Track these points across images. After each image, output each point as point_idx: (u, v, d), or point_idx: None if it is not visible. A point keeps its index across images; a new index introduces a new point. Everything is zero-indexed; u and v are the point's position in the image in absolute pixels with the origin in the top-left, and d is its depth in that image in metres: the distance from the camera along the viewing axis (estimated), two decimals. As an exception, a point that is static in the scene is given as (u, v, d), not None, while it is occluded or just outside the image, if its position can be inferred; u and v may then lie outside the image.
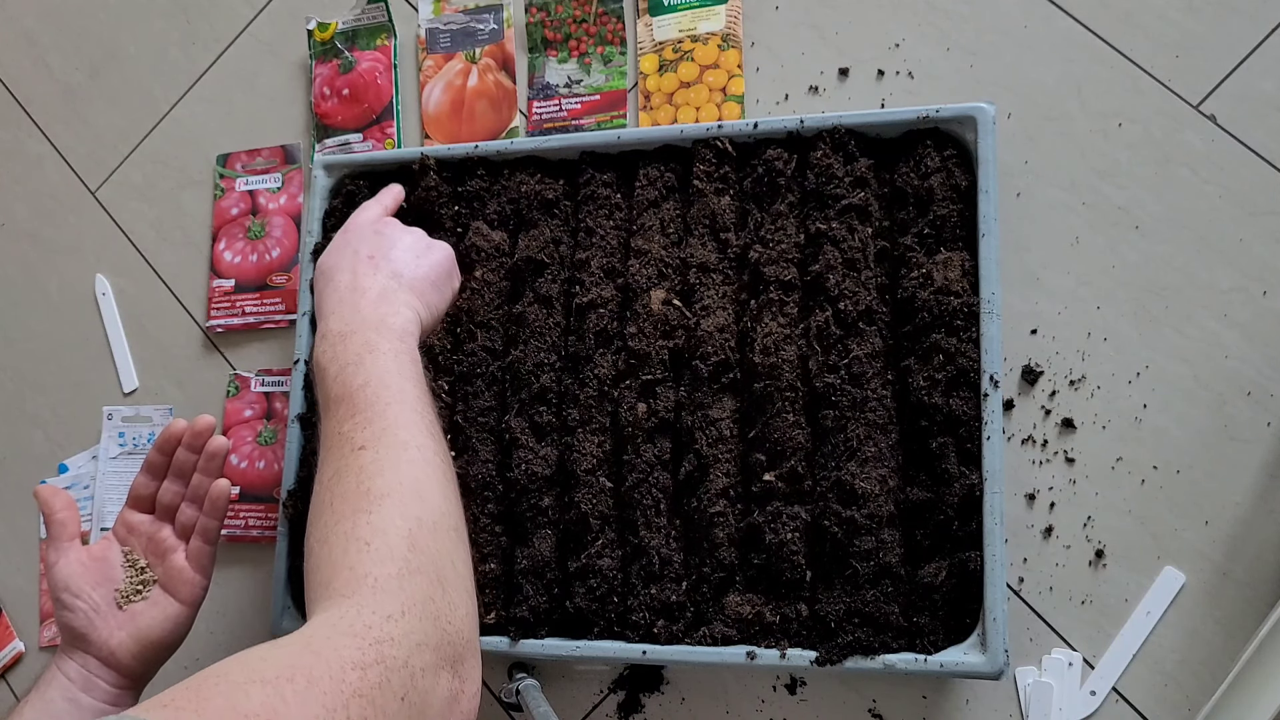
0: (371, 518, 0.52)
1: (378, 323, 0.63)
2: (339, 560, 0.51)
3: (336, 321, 0.64)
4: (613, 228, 0.79)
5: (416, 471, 0.55)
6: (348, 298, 0.65)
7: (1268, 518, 0.69)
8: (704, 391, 0.73)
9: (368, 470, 0.54)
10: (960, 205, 0.72)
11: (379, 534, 0.51)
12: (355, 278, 0.66)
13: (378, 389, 0.58)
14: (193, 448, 0.72)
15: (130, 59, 1.04)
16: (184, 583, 0.71)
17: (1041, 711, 0.70)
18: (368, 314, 0.63)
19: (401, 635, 0.47)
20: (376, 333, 0.62)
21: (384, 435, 0.56)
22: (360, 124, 0.93)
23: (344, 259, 0.68)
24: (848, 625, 0.67)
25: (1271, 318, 0.71)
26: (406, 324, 0.64)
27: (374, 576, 0.49)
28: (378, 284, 0.65)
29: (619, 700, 0.78)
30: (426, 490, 0.55)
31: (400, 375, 0.60)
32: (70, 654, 0.68)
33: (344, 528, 0.52)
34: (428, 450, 0.57)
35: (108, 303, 0.99)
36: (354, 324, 0.63)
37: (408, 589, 0.49)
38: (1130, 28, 0.77)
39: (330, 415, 0.59)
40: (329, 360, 0.62)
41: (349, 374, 0.60)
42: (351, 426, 0.57)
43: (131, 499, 0.73)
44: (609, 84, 0.88)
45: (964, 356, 0.69)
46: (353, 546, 0.51)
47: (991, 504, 0.66)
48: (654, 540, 0.72)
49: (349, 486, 0.54)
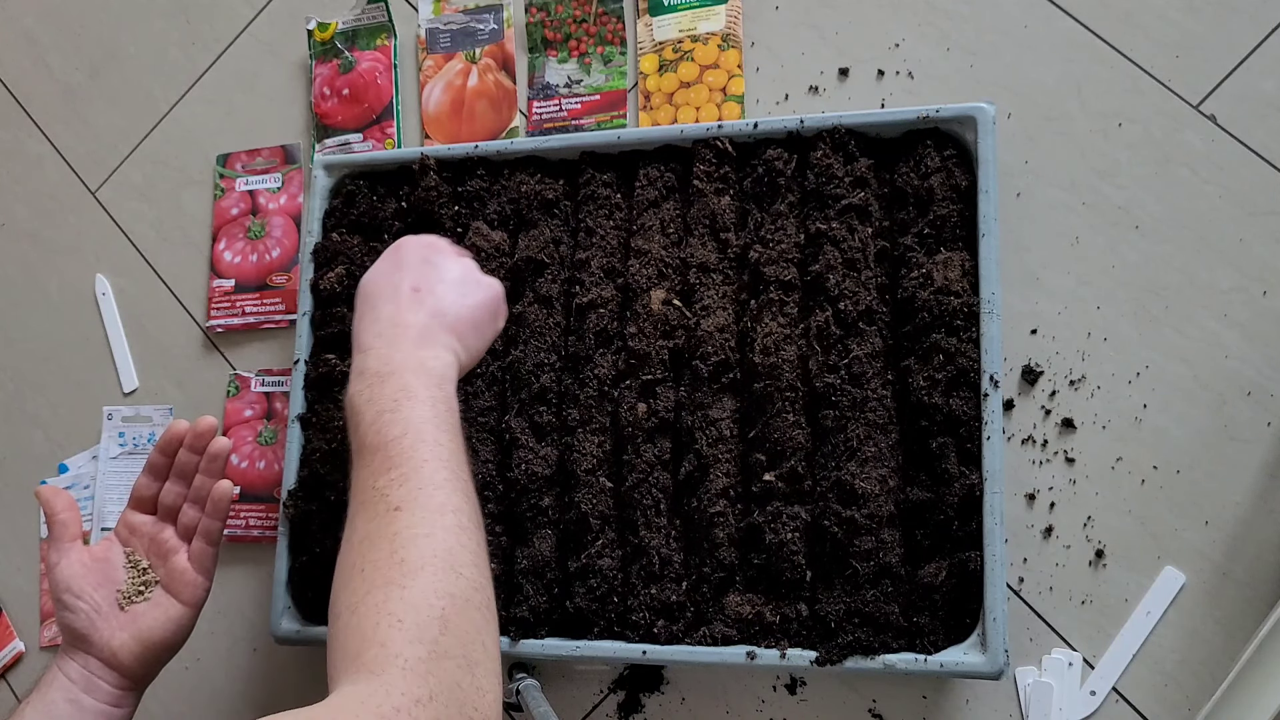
0: (405, 593, 0.51)
1: (417, 366, 0.61)
2: (369, 634, 0.50)
3: (375, 360, 0.62)
4: (613, 228, 0.79)
5: (452, 541, 0.54)
6: (387, 332, 0.63)
7: (1268, 518, 0.69)
8: (704, 391, 0.73)
9: (402, 537, 0.53)
10: (960, 205, 0.72)
11: (412, 611, 0.50)
12: (398, 311, 0.64)
13: (415, 442, 0.57)
14: (195, 449, 0.72)
15: (130, 59, 1.04)
16: (186, 584, 0.70)
17: (1041, 711, 0.70)
18: (408, 355, 0.62)
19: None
20: (415, 376, 0.60)
21: (420, 497, 0.55)
22: (360, 124, 0.93)
23: (388, 287, 0.66)
24: (848, 625, 0.67)
25: (1271, 318, 0.71)
26: (446, 368, 0.62)
27: (404, 658, 0.48)
28: (419, 321, 0.64)
29: (619, 700, 0.78)
30: (461, 563, 0.53)
31: (437, 427, 0.58)
32: (71, 655, 0.68)
33: (375, 599, 0.51)
34: (463, 515, 0.56)
35: (108, 303, 0.99)
36: (393, 364, 0.61)
37: (437, 673, 0.48)
38: (1130, 28, 0.77)
39: (364, 465, 0.58)
40: (365, 403, 0.60)
41: (385, 421, 0.58)
42: (386, 482, 0.56)
43: (133, 500, 0.73)
44: (609, 84, 0.88)
45: (964, 356, 0.69)
46: (384, 621, 0.50)
47: (991, 504, 0.66)
48: (654, 540, 0.72)
49: (382, 554, 0.53)
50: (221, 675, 0.87)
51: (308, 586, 0.79)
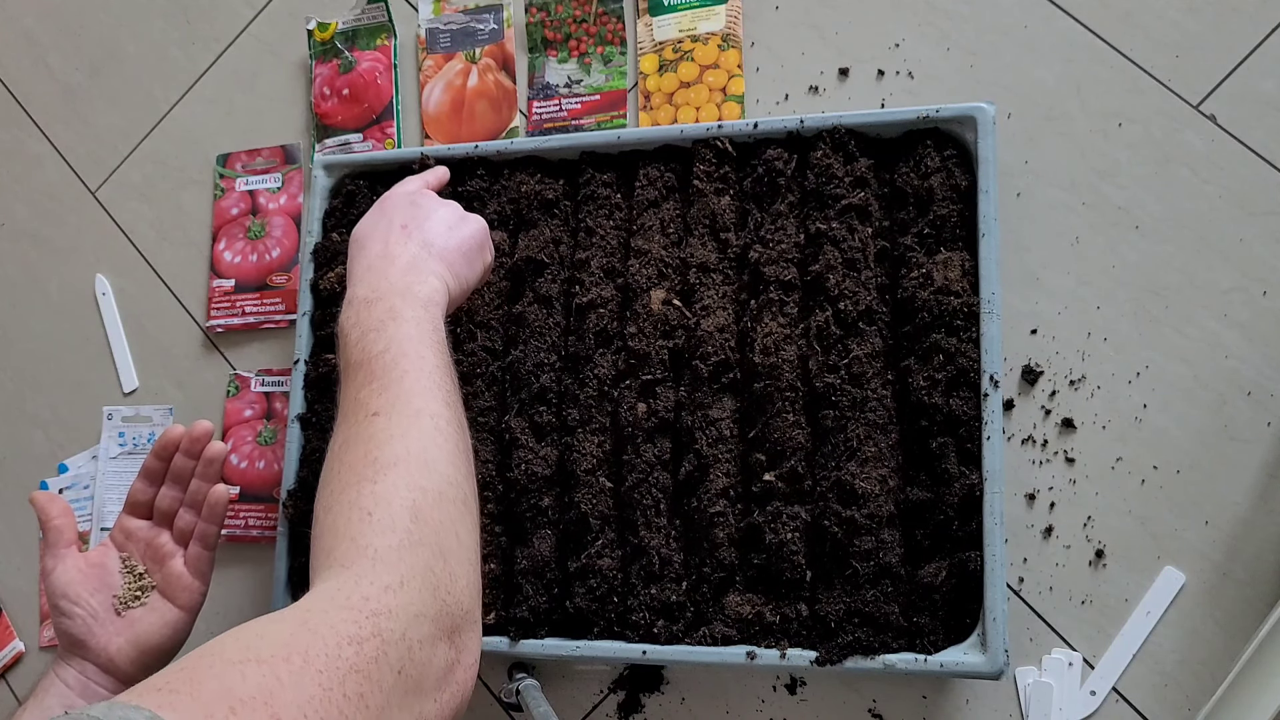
0: (376, 487, 0.52)
1: (404, 290, 0.62)
2: (341, 530, 0.50)
3: (363, 288, 0.63)
4: (613, 228, 0.79)
5: (426, 440, 0.55)
6: (377, 265, 0.65)
7: (1268, 518, 0.69)
8: (704, 391, 0.73)
9: (377, 438, 0.54)
10: (960, 205, 0.72)
11: (382, 504, 0.51)
12: (386, 246, 0.66)
13: (396, 356, 0.58)
14: (191, 453, 0.72)
15: (130, 59, 1.04)
16: (183, 588, 0.70)
17: (1041, 711, 0.70)
18: (395, 281, 0.63)
19: (399, 607, 0.47)
20: (401, 299, 0.62)
21: (398, 402, 0.56)
22: (360, 124, 0.93)
23: (378, 227, 0.68)
24: (848, 625, 0.67)
25: (1271, 318, 0.71)
26: (433, 293, 0.63)
27: (374, 548, 0.49)
28: (408, 252, 0.65)
29: (619, 700, 0.78)
30: (435, 459, 0.54)
31: (421, 342, 0.59)
32: (68, 660, 0.68)
33: (348, 496, 0.52)
34: (441, 419, 0.56)
35: (108, 303, 0.99)
36: (380, 290, 0.62)
37: (408, 560, 0.49)
38: (1130, 28, 0.77)
39: (348, 381, 0.59)
40: (351, 325, 0.61)
41: (370, 340, 0.59)
42: (368, 393, 0.57)
43: (129, 505, 0.73)
44: (609, 84, 0.88)
45: (964, 356, 0.69)
46: (355, 516, 0.50)
47: (991, 504, 0.66)
48: (654, 540, 0.72)
49: (357, 455, 0.54)
50: (221, 675, 0.87)
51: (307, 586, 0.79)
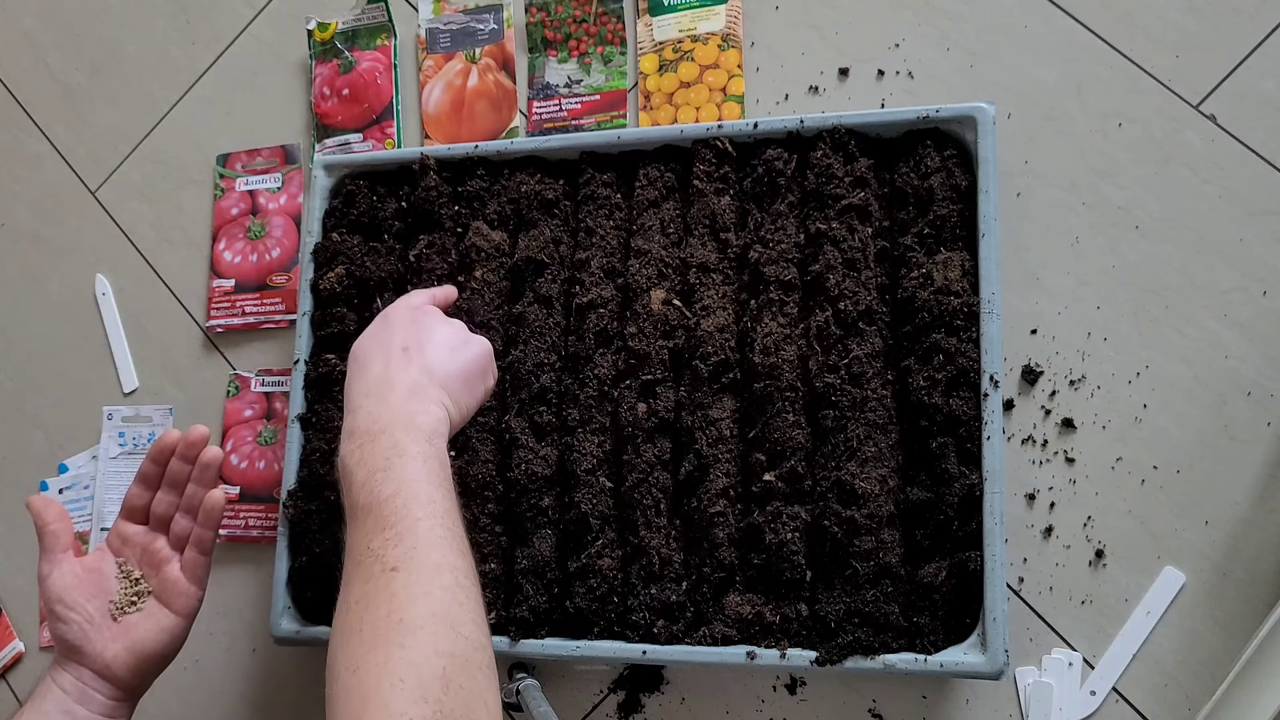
0: (406, 653, 0.50)
1: (406, 421, 0.61)
2: (371, 694, 0.49)
3: (364, 418, 0.62)
4: (613, 228, 0.79)
5: (450, 600, 0.53)
6: (376, 390, 0.63)
7: (1268, 518, 0.69)
8: (704, 391, 0.73)
9: (400, 597, 0.53)
10: (960, 205, 0.72)
11: (413, 670, 0.50)
12: (387, 369, 0.64)
13: (408, 500, 0.57)
14: (187, 458, 0.72)
15: (130, 59, 1.04)
16: (179, 594, 0.70)
17: (1041, 711, 0.70)
18: (397, 410, 0.61)
19: None
20: (405, 433, 0.60)
21: (415, 555, 0.54)
22: (360, 124, 0.93)
23: (377, 347, 0.66)
24: (848, 625, 0.67)
25: (1271, 318, 0.71)
26: (436, 423, 0.62)
27: (409, 717, 0.48)
28: (409, 378, 0.63)
29: (619, 700, 0.78)
30: (460, 622, 0.53)
31: (430, 484, 0.58)
32: (65, 666, 0.67)
33: (376, 659, 0.50)
34: (459, 573, 0.55)
35: (108, 303, 0.99)
36: (382, 422, 0.61)
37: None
38: (1130, 28, 0.77)
39: (358, 526, 0.58)
40: (356, 463, 0.60)
41: (377, 481, 0.58)
42: (381, 543, 0.55)
43: (125, 510, 0.73)
44: (609, 84, 0.88)
45: (964, 356, 0.69)
46: (385, 681, 0.49)
47: (991, 504, 0.66)
48: (654, 540, 0.72)
49: (380, 614, 0.52)
50: (220, 676, 0.87)
51: (307, 587, 0.79)
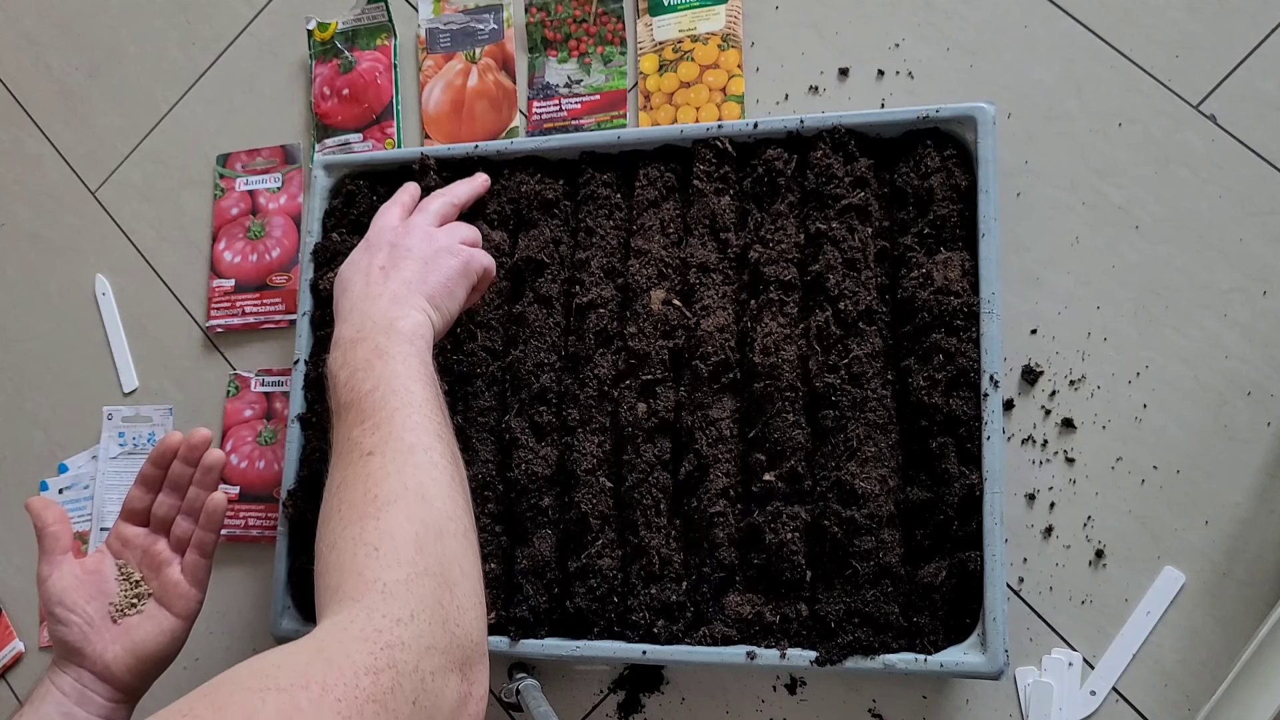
0: (379, 523, 0.53)
1: (387, 326, 0.63)
2: (347, 565, 0.51)
3: (348, 328, 0.65)
4: (613, 228, 0.79)
5: (423, 475, 0.56)
6: (359, 304, 0.66)
7: (1268, 518, 0.69)
8: (704, 391, 0.73)
9: (374, 476, 0.55)
10: (960, 205, 0.72)
11: (386, 539, 0.52)
12: (368, 285, 0.67)
13: (385, 393, 0.59)
14: (189, 460, 0.72)
15: (130, 59, 1.04)
16: (179, 596, 0.70)
17: (1041, 711, 0.70)
18: (378, 318, 0.64)
19: (412, 639, 0.48)
20: (386, 336, 0.63)
21: (391, 439, 0.57)
22: (360, 124, 0.93)
23: (358, 271, 0.69)
24: (848, 625, 0.67)
25: (1271, 318, 0.71)
26: (417, 326, 0.64)
27: (383, 581, 0.50)
28: (389, 290, 0.66)
29: (619, 700, 0.78)
30: (432, 494, 0.55)
31: (409, 378, 0.61)
32: (64, 668, 0.67)
33: (351, 533, 0.53)
34: (434, 453, 0.58)
35: (108, 303, 0.99)
36: (364, 329, 0.63)
37: (416, 593, 0.50)
38: (1130, 28, 0.77)
39: (340, 421, 0.60)
40: (339, 366, 0.62)
41: (358, 379, 0.60)
42: (360, 432, 0.58)
43: (125, 512, 0.73)
44: (609, 84, 0.88)
45: (964, 356, 0.69)
46: (360, 551, 0.51)
47: (991, 504, 0.66)
48: (654, 540, 0.72)
49: (356, 493, 0.55)
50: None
51: (308, 586, 0.79)
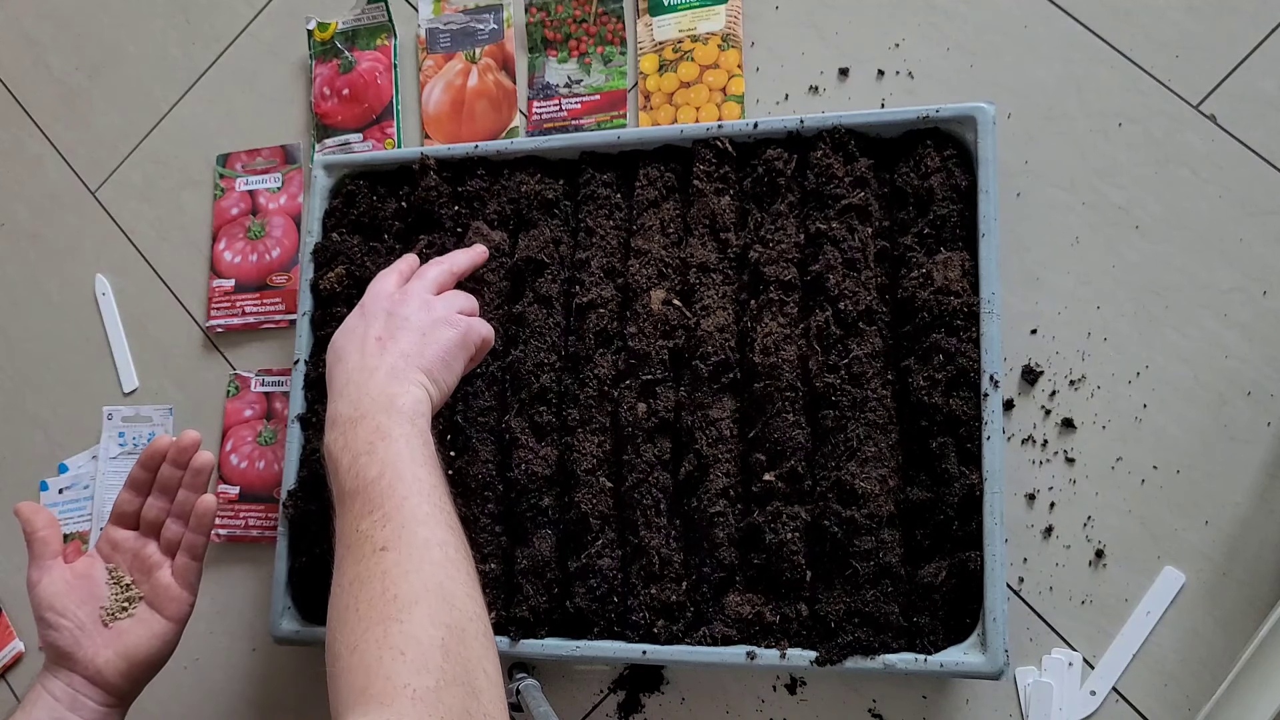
0: (404, 626, 0.51)
1: (387, 404, 0.62)
2: (373, 668, 0.50)
3: (345, 405, 0.63)
4: (613, 228, 0.79)
5: (441, 575, 0.54)
6: (355, 377, 0.64)
7: (1268, 518, 0.69)
8: (704, 391, 0.73)
9: (392, 574, 0.54)
10: (960, 205, 0.72)
11: (413, 643, 0.51)
12: (364, 358, 0.65)
13: (392, 480, 0.57)
14: (178, 463, 0.72)
15: (130, 59, 1.04)
16: (170, 599, 0.70)
17: (1041, 711, 0.70)
18: (376, 395, 0.62)
19: None
20: (387, 415, 0.61)
21: (404, 534, 0.55)
22: (360, 124, 0.93)
23: (353, 340, 0.67)
24: (848, 625, 0.67)
25: (1271, 318, 0.71)
26: (417, 404, 0.63)
27: (412, 688, 0.49)
28: (386, 363, 0.64)
29: (619, 700, 0.78)
30: (453, 593, 0.54)
31: (414, 462, 0.59)
32: (55, 673, 0.67)
33: (375, 635, 0.51)
34: (450, 548, 0.56)
35: (108, 303, 0.99)
36: (363, 407, 0.62)
37: (445, 701, 0.49)
38: (1130, 28, 0.77)
39: (346, 510, 0.59)
40: (340, 449, 0.61)
41: (362, 465, 0.59)
42: (370, 524, 0.56)
43: (115, 515, 0.72)
44: (609, 84, 0.88)
45: (964, 356, 0.69)
46: (386, 655, 0.50)
47: (991, 504, 0.66)
48: (654, 540, 0.72)
49: (374, 592, 0.53)
50: (220, 675, 0.87)
51: (307, 586, 0.79)
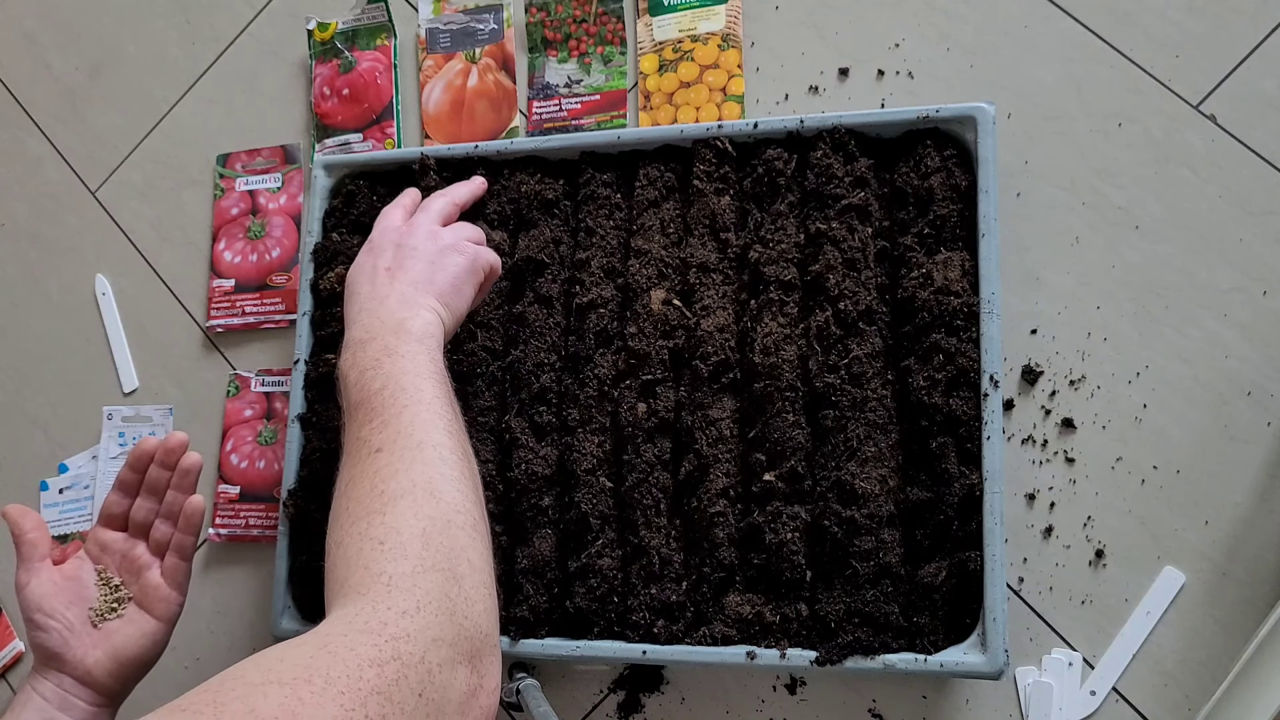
0: (385, 518, 0.53)
1: (396, 326, 0.64)
2: (354, 559, 0.52)
3: (358, 330, 0.65)
4: (613, 228, 0.79)
5: (430, 471, 0.56)
6: (367, 306, 0.67)
7: (1268, 518, 0.69)
8: (704, 391, 0.73)
9: (382, 473, 0.55)
10: (960, 205, 0.72)
11: (392, 533, 0.52)
12: (374, 288, 0.68)
13: (395, 391, 0.60)
14: (166, 464, 0.72)
15: (130, 59, 1.04)
16: (160, 599, 0.70)
17: (1041, 711, 0.70)
18: (386, 319, 0.65)
19: (417, 631, 0.48)
20: (395, 336, 0.63)
21: (399, 437, 0.57)
22: (360, 124, 0.93)
23: (364, 273, 0.69)
24: (848, 625, 0.67)
25: (1271, 318, 0.71)
26: (427, 325, 0.65)
27: (388, 574, 0.50)
28: (397, 291, 0.67)
29: (619, 700, 0.78)
30: (440, 488, 0.55)
31: (417, 375, 0.61)
32: (45, 674, 0.67)
33: (359, 529, 0.53)
34: (443, 448, 0.58)
35: (108, 303, 0.99)
36: (373, 330, 0.64)
37: (422, 585, 0.50)
38: (1130, 28, 0.77)
39: (351, 421, 0.61)
40: (349, 367, 0.63)
41: (367, 379, 0.61)
42: (369, 431, 0.58)
43: (104, 517, 0.72)
44: (609, 84, 0.88)
45: (964, 356, 0.69)
46: (367, 546, 0.52)
47: (991, 504, 0.66)
48: (654, 540, 0.72)
49: (364, 490, 0.55)
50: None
51: (308, 586, 0.79)
